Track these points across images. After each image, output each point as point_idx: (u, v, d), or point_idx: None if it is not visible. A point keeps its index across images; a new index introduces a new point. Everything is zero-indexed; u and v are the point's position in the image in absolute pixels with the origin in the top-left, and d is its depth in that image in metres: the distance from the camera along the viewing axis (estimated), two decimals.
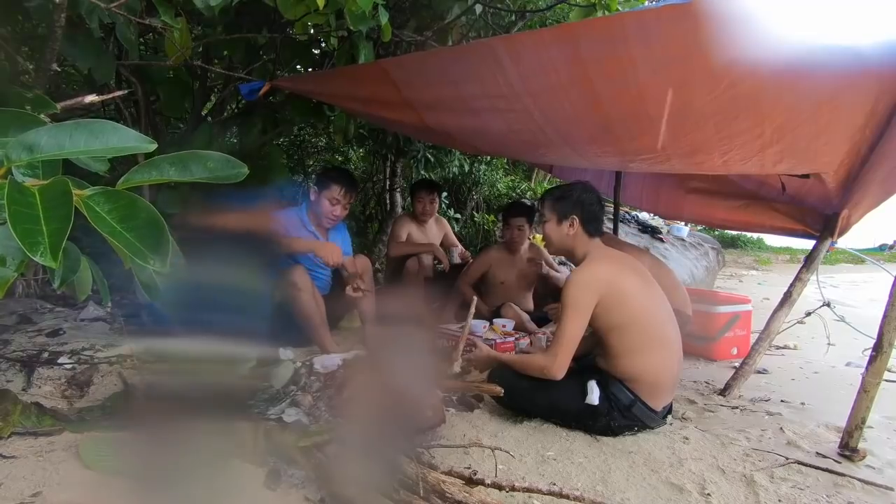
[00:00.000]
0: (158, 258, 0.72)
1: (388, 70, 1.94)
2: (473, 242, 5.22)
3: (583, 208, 1.97)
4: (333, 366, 2.07)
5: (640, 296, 1.89)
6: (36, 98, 1.11)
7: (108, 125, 0.79)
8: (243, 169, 0.86)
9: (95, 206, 0.74)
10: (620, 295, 1.85)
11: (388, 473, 1.34)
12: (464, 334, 2.11)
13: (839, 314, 2.65)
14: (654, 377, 1.88)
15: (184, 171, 0.82)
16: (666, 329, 1.94)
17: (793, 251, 12.22)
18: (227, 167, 0.85)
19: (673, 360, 1.93)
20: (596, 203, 2.01)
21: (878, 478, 1.67)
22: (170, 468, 1.31)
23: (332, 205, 2.65)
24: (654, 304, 1.93)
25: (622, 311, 1.85)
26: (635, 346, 1.86)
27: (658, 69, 1.52)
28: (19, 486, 1.26)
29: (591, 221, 1.98)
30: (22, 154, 0.73)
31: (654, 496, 1.53)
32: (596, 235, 2.00)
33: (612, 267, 1.91)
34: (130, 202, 0.75)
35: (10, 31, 2.16)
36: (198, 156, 0.83)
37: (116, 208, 0.74)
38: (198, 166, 0.83)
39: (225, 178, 0.84)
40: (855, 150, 1.93)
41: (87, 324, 2.60)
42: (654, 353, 1.87)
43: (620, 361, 1.88)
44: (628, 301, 1.85)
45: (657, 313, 1.93)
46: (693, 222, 5.87)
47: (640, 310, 1.87)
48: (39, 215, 0.67)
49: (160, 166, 0.81)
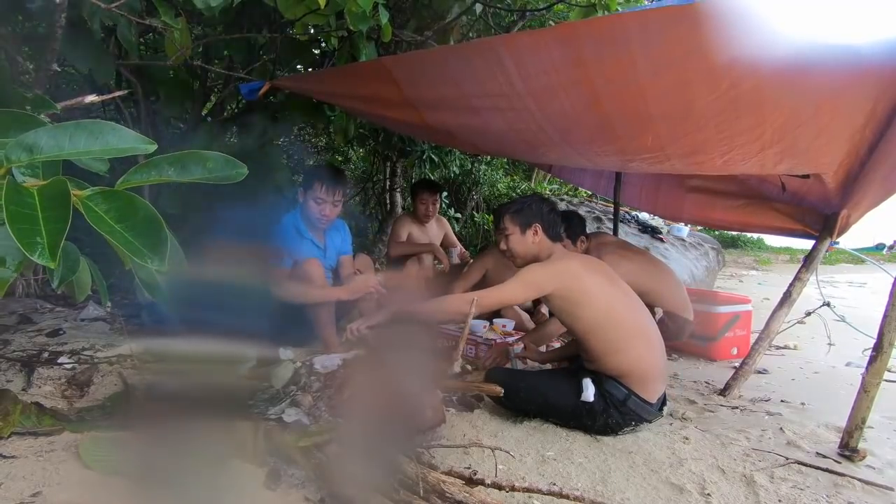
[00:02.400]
0: (157, 257, 0.72)
1: (389, 68, 1.94)
2: (473, 242, 5.23)
3: (542, 216, 2.05)
4: (333, 366, 2.07)
5: (606, 292, 1.92)
6: (36, 98, 1.11)
7: (107, 126, 0.78)
8: (243, 169, 0.86)
9: (94, 206, 0.74)
10: (584, 294, 1.89)
11: (388, 473, 1.34)
12: (464, 334, 2.11)
13: (839, 314, 2.65)
14: (642, 369, 1.90)
15: (183, 172, 0.82)
16: (640, 320, 1.97)
17: (793, 251, 12.22)
18: (227, 167, 0.85)
19: (655, 350, 1.95)
20: (553, 211, 2.10)
21: (878, 478, 1.67)
22: (170, 468, 1.31)
23: (319, 204, 2.52)
24: (621, 299, 1.96)
25: (591, 310, 1.89)
26: (616, 344, 1.89)
27: (659, 69, 1.52)
28: (19, 486, 1.26)
29: (552, 227, 2.06)
30: (21, 155, 0.73)
31: (654, 496, 1.53)
32: (557, 240, 2.08)
33: (574, 265, 1.95)
34: (129, 201, 0.75)
35: (10, 31, 2.16)
36: (197, 156, 0.83)
37: (114, 208, 0.74)
38: (197, 166, 0.83)
39: (224, 179, 0.84)
40: (855, 151, 1.93)
41: (87, 324, 2.60)
42: (635, 347, 1.90)
43: (606, 360, 1.90)
44: (594, 299, 1.89)
45: (628, 307, 1.96)
46: (693, 223, 5.86)
47: (608, 307, 1.90)
48: (38, 215, 0.67)
49: (159, 166, 0.81)
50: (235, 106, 3.61)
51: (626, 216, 5.73)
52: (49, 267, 0.65)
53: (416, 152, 4.65)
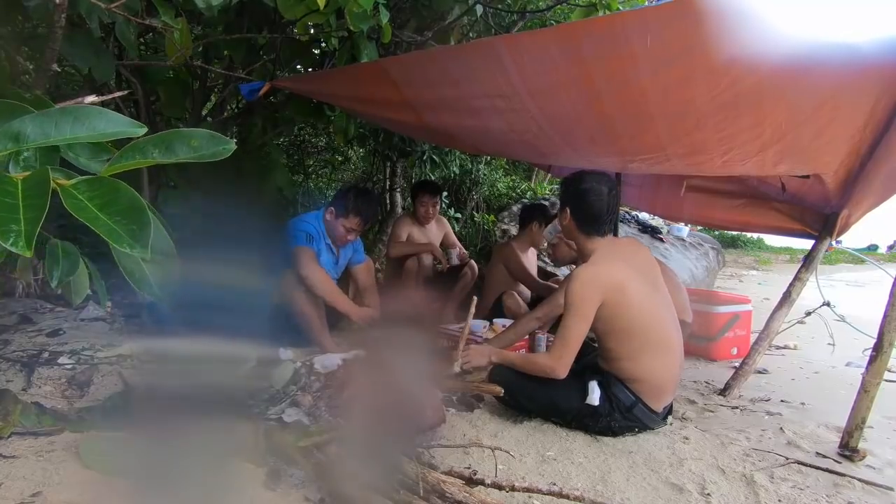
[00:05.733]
0: (139, 244, 0.69)
1: (388, 69, 1.94)
2: (473, 242, 5.22)
3: (577, 201, 1.87)
4: (333, 366, 2.07)
5: (646, 301, 1.83)
6: (35, 98, 1.10)
7: (93, 110, 0.76)
8: (229, 144, 0.81)
9: (77, 194, 0.71)
10: (625, 299, 1.79)
11: (388, 473, 1.34)
12: (464, 334, 2.11)
13: (839, 314, 2.64)
14: (656, 380, 1.86)
15: (167, 153, 0.78)
16: (669, 333, 1.90)
17: (793, 251, 12.21)
18: (212, 144, 0.80)
19: (675, 364, 1.91)
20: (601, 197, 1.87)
21: (878, 478, 1.67)
22: (170, 468, 1.31)
23: (347, 232, 2.56)
24: (658, 310, 1.89)
25: (624, 316, 1.80)
26: (635, 351, 1.84)
27: (659, 68, 1.52)
28: (19, 486, 1.25)
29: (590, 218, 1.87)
30: (8, 144, 0.71)
31: (654, 496, 1.53)
32: (595, 234, 1.90)
33: (619, 268, 1.84)
34: (112, 188, 0.72)
35: (10, 31, 2.16)
36: (181, 134, 0.80)
37: (98, 195, 0.72)
38: (182, 146, 0.79)
39: (211, 157, 0.80)
40: (855, 150, 1.93)
41: (87, 324, 2.60)
42: (655, 357, 1.85)
43: (621, 364, 1.87)
44: (632, 307, 1.79)
45: (661, 319, 1.89)
46: (692, 223, 5.86)
47: (642, 316, 1.82)
48: (18, 204, 0.65)
49: (143, 149, 0.77)
50: (235, 106, 3.60)
51: (626, 216, 5.72)
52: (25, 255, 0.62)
53: (416, 152, 4.65)
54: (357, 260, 2.79)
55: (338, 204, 2.57)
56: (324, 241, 2.61)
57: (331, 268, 2.67)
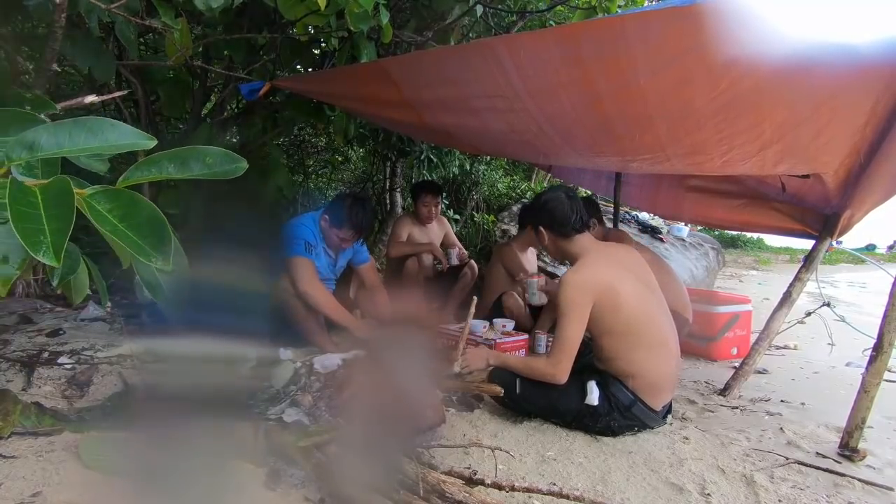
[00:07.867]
0: (161, 256, 0.72)
1: (388, 69, 1.94)
2: (473, 242, 5.22)
3: (541, 214, 1.96)
4: (333, 366, 2.07)
5: (638, 300, 1.86)
6: (35, 98, 1.10)
7: (106, 122, 0.78)
8: (242, 163, 0.85)
9: (96, 205, 0.73)
10: (616, 299, 1.82)
11: (388, 473, 1.34)
12: (464, 334, 2.11)
13: (839, 314, 2.65)
14: (652, 376, 1.87)
15: (183, 168, 0.81)
16: (663, 330, 1.92)
17: (793, 251, 12.23)
18: (226, 162, 0.84)
19: (670, 361, 1.92)
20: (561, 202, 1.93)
21: (878, 478, 1.67)
22: (170, 468, 1.31)
23: (342, 241, 2.54)
24: (651, 308, 1.90)
25: (617, 316, 1.82)
26: (629, 349, 1.85)
27: (658, 69, 1.53)
28: (19, 486, 1.25)
29: (559, 224, 1.93)
30: (22, 153, 0.73)
31: (654, 496, 1.53)
32: (572, 234, 1.94)
33: (608, 269, 1.87)
34: (131, 200, 0.75)
35: (10, 31, 2.16)
36: (196, 151, 0.82)
37: (117, 206, 0.74)
38: (197, 162, 0.82)
39: (224, 174, 0.83)
40: (856, 150, 1.93)
41: (87, 324, 2.60)
42: (650, 354, 1.86)
43: (616, 362, 1.88)
44: (624, 306, 1.82)
45: (654, 317, 1.90)
46: (693, 222, 5.86)
47: (635, 315, 1.84)
48: (41, 214, 0.67)
49: (159, 163, 0.80)
50: (235, 106, 3.60)
51: (626, 216, 5.73)
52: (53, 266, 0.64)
53: (415, 152, 4.65)
54: (361, 260, 2.79)
55: (332, 213, 2.54)
56: (321, 246, 2.61)
57: (329, 271, 2.67)
